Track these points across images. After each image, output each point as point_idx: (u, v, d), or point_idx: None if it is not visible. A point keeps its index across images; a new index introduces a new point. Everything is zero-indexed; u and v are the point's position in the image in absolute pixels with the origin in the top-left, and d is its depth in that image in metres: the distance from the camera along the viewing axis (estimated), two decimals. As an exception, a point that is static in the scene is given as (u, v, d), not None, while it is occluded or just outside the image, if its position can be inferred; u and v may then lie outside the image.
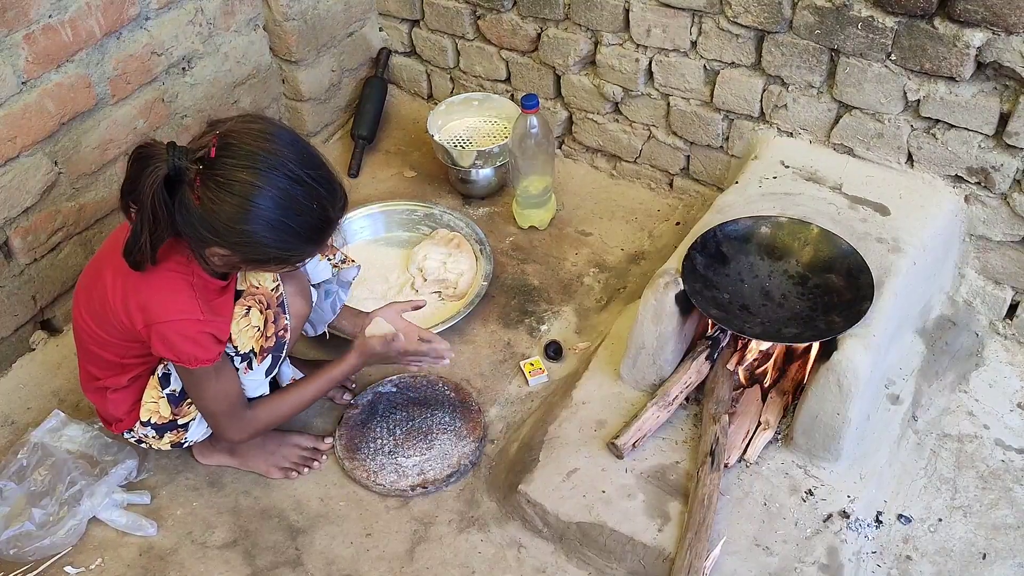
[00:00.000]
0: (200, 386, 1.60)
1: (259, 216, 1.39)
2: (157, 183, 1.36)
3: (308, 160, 1.43)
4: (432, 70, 2.65)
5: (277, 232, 1.41)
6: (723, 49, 2.05)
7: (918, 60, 1.79)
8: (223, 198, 1.37)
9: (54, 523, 1.71)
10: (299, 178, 1.40)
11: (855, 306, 1.70)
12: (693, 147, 2.28)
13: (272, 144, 1.40)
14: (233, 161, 1.37)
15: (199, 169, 1.37)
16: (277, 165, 1.39)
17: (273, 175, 1.38)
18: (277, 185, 1.38)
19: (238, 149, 1.38)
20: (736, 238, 1.86)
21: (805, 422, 1.72)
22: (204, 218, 1.39)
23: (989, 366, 1.97)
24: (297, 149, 1.43)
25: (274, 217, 1.40)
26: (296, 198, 1.41)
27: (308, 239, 1.47)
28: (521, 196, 2.30)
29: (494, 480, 1.83)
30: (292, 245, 1.45)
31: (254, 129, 1.41)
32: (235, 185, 1.37)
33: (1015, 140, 1.77)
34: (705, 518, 1.63)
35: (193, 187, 1.37)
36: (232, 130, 1.40)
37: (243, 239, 1.41)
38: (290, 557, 1.73)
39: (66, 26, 1.88)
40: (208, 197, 1.37)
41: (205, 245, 1.44)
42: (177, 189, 1.39)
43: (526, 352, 2.07)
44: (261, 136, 1.40)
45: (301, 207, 1.41)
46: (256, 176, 1.37)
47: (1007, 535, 1.70)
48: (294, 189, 1.40)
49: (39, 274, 2.04)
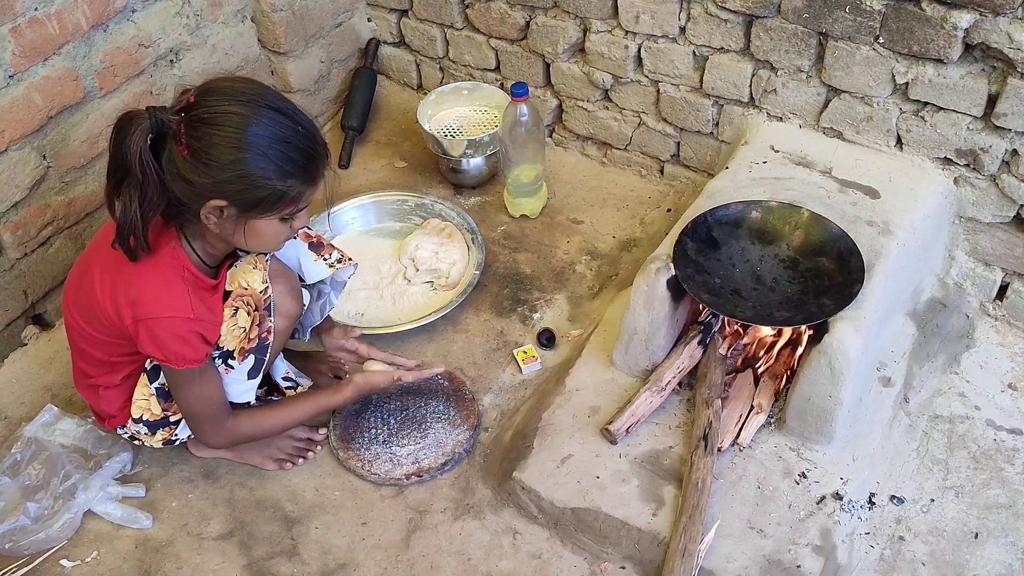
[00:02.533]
0: (183, 387, 1.59)
1: (250, 143, 1.38)
2: (142, 142, 1.35)
3: (282, 97, 1.46)
4: (421, 60, 2.65)
5: (270, 160, 1.39)
6: (712, 34, 2.05)
7: (906, 42, 1.80)
8: (211, 133, 1.37)
9: (49, 517, 1.71)
10: (279, 108, 1.42)
11: (846, 289, 1.71)
12: (683, 133, 2.28)
13: (250, 86, 1.43)
14: (214, 99, 1.38)
15: (181, 117, 1.37)
16: (259, 97, 1.40)
17: (257, 105, 1.39)
18: (259, 112, 1.39)
19: (216, 91, 1.40)
20: (727, 223, 1.87)
21: (798, 405, 1.73)
22: (195, 165, 1.38)
23: (980, 347, 1.98)
24: (271, 91, 1.46)
25: (265, 144, 1.39)
26: (281, 123, 1.41)
27: (299, 168, 1.43)
28: (512, 185, 2.30)
29: (489, 468, 1.83)
30: (285, 174, 1.42)
31: (229, 77, 1.46)
32: (220, 117, 1.37)
33: (1003, 121, 1.77)
34: (699, 502, 1.63)
35: (179, 138, 1.37)
36: (208, 82, 1.43)
37: (237, 174, 1.38)
38: (286, 547, 1.73)
39: (52, 19, 1.87)
40: (195, 138, 1.37)
41: (200, 201, 1.42)
42: (162, 150, 1.38)
43: (519, 340, 2.07)
44: (237, 80, 1.45)
45: (287, 134, 1.41)
46: (239, 106, 1.38)
47: (999, 514, 1.71)
48: (277, 116, 1.41)
49: (30, 268, 2.03)
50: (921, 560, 1.66)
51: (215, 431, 1.67)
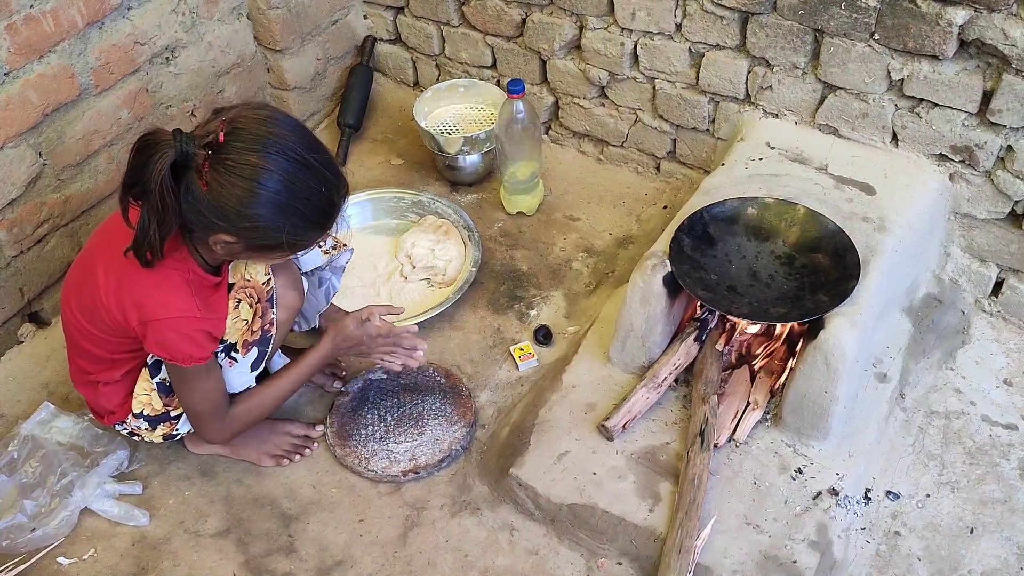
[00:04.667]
0: (190, 384, 1.60)
1: (267, 199, 1.39)
2: (165, 169, 1.36)
3: (313, 145, 1.45)
4: (417, 57, 2.64)
5: (284, 215, 1.42)
6: (708, 31, 2.05)
7: (901, 39, 1.80)
8: (232, 181, 1.37)
9: (46, 515, 1.71)
10: (306, 161, 1.42)
11: (841, 285, 1.71)
12: (679, 130, 2.28)
13: (278, 129, 1.42)
14: (242, 145, 1.38)
15: (208, 154, 1.37)
16: (284, 149, 1.40)
17: (281, 159, 1.39)
18: (284, 168, 1.39)
19: (246, 134, 1.39)
20: (723, 220, 1.87)
21: (793, 401, 1.73)
22: (212, 204, 1.39)
23: (975, 343, 1.99)
24: (302, 134, 1.45)
25: (282, 200, 1.40)
26: (303, 181, 1.42)
27: (315, 223, 1.47)
28: (509, 182, 2.30)
29: (485, 464, 1.83)
30: (299, 228, 1.45)
31: (260, 115, 1.43)
32: (244, 168, 1.37)
33: (998, 117, 1.77)
34: (695, 498, 1.64)
35: (201, 172, 1.37)
36: (239, 116, 1.41)
37: (251, 223, 1.41)
38: (283, 544, 1.73)
39: (48, 16, 1.87)
40: (217, 181, 1.37)
41: (211, 232, 1.43)
42: (183, 176, 1.38)
43: (516, 337, 2.07)
44: (267, 121, 1.42)
45: (308, 190, 1.42)
46: (264, 159, 1.38)
47: (994, 509, 1.71)
48: (301, 172, 1.41)
49: (26, 266, 2.03)
50: (917, 555, 1.66)
51: (218, 427, 1.67)
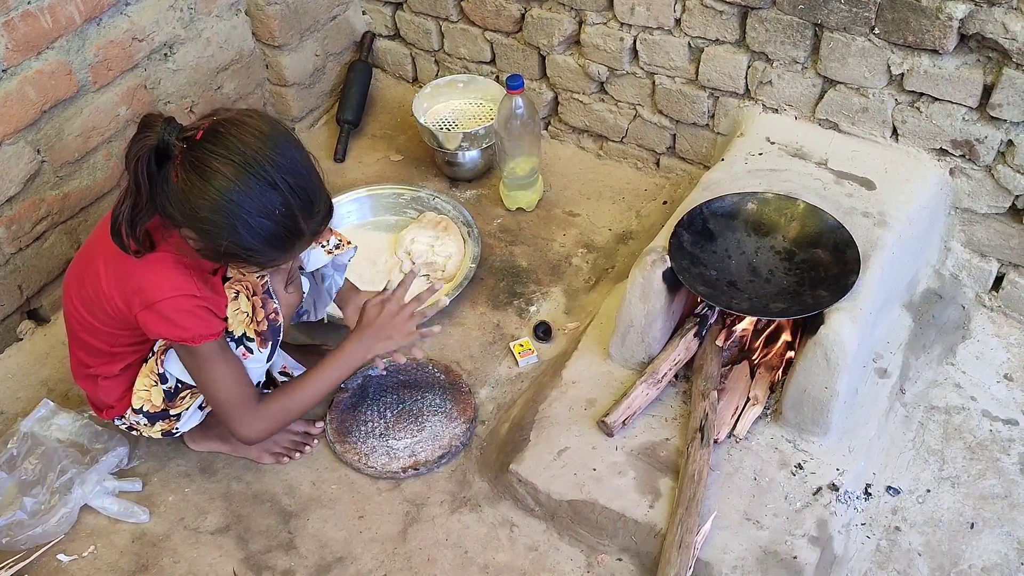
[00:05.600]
0: (209, 368, 1.57)
1: (224, 208, 1.37)
2: (143, 153, 1.36)
3: (292, 168, 1.41)
4: (417, 53, 2.64)
5: (240, 230, 1.39)
6: (707, 26, 2.04)
7: (901, 33, 1.79)
8: (194, 181, 1.37)
9: (46, 512, 1.71)
10: (274, 183, 1.38)
11: (842, 280, 1.71)
12: (679, 125, 2.28)
13: (260, 143, 1.38)
14: (213, 148, 1.36)
15: (183, 148, 1.37)
16: (255, 165, 1.37)
17: (248, 173, 1.37)
18: (248, 184, 1.37)
19: (223, 139, 1.37)
20: (723, 215, 1.87)
21: (794, 396, 1.73)
22: (178, 197, 1.38)
23: (975, 338, 1.98)
24: (285, 155, 1.40)
25: (238, 213, 1.38)
26: (264, 201, 1.39)
27: (270, 244, 1.43)
28: (508, 178, 2.30)
29: (485, 460, 1.83)
30: (252, 246, 1.42)
31: (248, 124, 1.40)
32: (208, 172, 1.36)
33: (999, 112, 1.77)
34: (696, 494, 1.63)
35: (175, 165, 1.37)
36: (227, 120, 1.39)
37: (206, 227, 1.40)
38: (283, 541, 1.73)
39: (45, 12, 1.87)
40: (183, 177, 1.37)
41: (178, 226, 1.43)
42: (164, 164, 1.39)
43: (515, 333, 2.07)
44: (252, 133, 1.39)
45: (268, 211, 1.39)
46: (230, 169, 1.36)
47: (994, 504, 1.71)
48: (265, 193, 1.38)
49: (25, 263, 2.03)
50: (917, 550, 1.66)
51: (249, 419, 1.63)
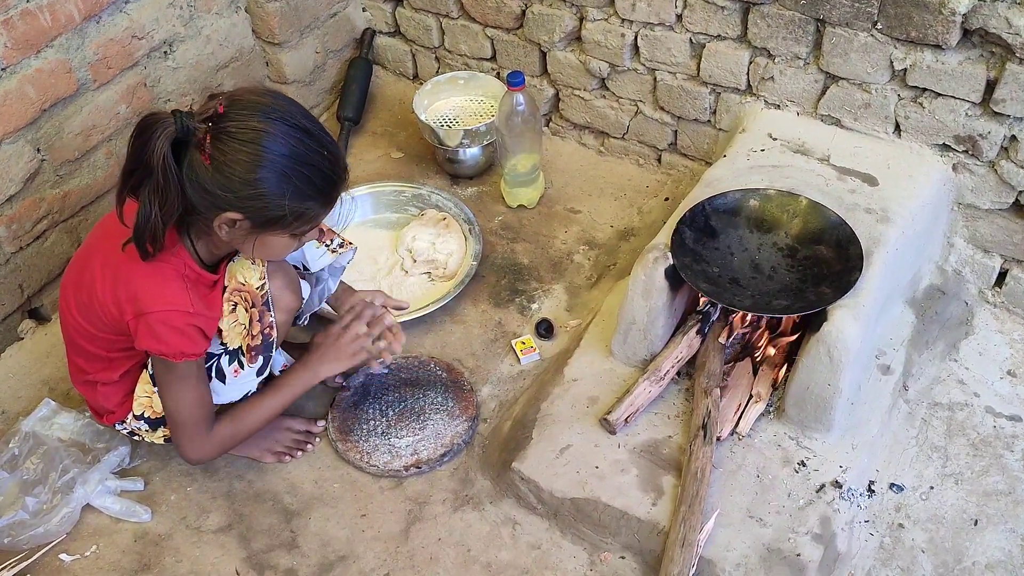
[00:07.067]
0: (178, 386, 1.58)
1: (271, 162, 1.38)
2: (166, 146, 1.35)
3: (312, 117, 1.46)
4: (417, 50, 2.63)
5: (289, 181, 1.40)
6: (708, 22, 2.03)
7: (904, 28, 1.79)
8: (235, 147, 1.37)
9: (48, 511, 1.71)
10: (306, 129, 1.42)
11: (844, 277, 1.70)
12: (680, 122, 2.27)
13: (276, 100, 1.43)
14: (244, 112, 1.39)
15: (208, 127, 1.37)
16: (285, 115, 1.41)
17: (282, 123, 1.40)
18: (287, 132, 1.40)
19: (246, 102, 1.40)
20: (725, 211, 1.86)
21: (796, 394, 1.72)
22: (215, 176, 1.38)
23: (979, 334, 1.98)
24: (299, 106, 1.46)
25: (286, 164, 1.39)
26: (306, 145, 1.41)
27: (318, 191, 1.45)
28: (509, 175, 2.29)
29: (487, 458, 1.83)
30: (304, 196, 1.43)
31: (257, 89, 1.47)
32: (247, 133, 1.37)
33: (1002, 107, 1.76)
34: (698, 491, 1.63)
35: (203, 146, 1.37)
36: (236, 91, 1.44)
37: (255, 190, 1.39)
38: (285, 540, 1.73)
39: (45, 11, 1.86)
40: (219, 151, 1.37)
41: (215, 211, 1.42)
42: (183, 155, 1.38)
43: (517, 331, 2.06)
44: (265, 93, 1.44)
45: (311, 156, 1.42)
46: (267, 123, 1.38)
47: (998, 501, 1.71)
48: (304, 137, 1.41)
49: (25, 262, 2.03)
50: (920, 547, 1.66)
51: (199, 442, 1.65)
